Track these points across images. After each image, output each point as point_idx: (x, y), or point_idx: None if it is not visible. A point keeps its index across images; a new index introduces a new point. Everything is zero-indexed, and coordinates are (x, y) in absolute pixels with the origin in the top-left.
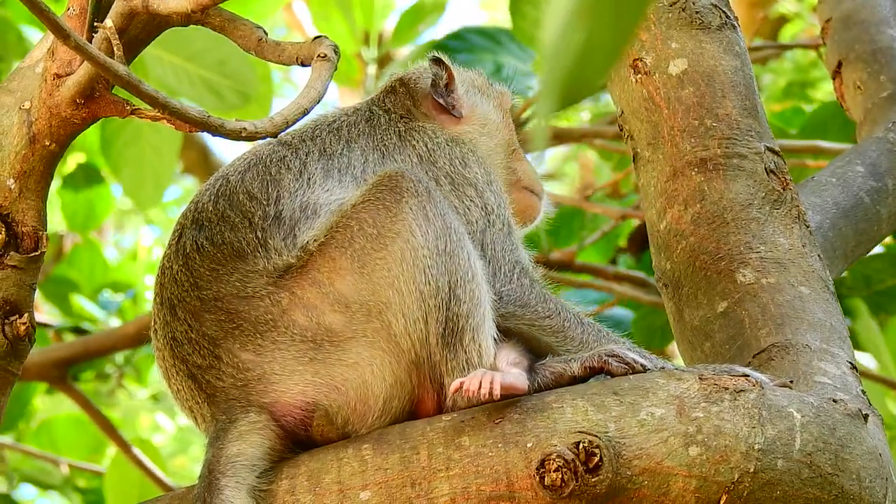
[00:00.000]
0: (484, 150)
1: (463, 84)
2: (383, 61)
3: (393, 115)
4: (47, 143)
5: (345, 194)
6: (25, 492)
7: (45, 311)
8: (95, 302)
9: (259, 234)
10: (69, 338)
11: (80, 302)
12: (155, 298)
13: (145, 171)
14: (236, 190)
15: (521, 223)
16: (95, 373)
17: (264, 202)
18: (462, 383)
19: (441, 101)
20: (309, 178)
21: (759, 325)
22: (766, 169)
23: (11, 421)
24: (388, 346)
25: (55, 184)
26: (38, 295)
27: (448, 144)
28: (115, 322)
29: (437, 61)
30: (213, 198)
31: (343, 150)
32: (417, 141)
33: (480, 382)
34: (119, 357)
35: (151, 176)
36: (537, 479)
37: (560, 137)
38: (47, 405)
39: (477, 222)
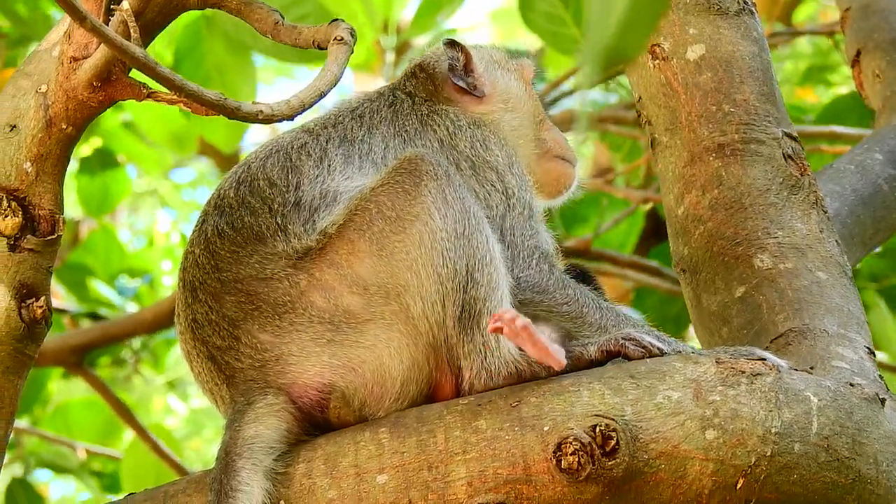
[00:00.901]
0: (508, 127)
1: (482, 61)
2: (401, 49)
3: (416, 99)
4: (64, 127)
5: (365, 181)
6: (41, 475)
7: (61, 297)
8: (112, 287)
9: (279, 219)
10: (85, 324)
11: (97, 287)
12: (178, 283)
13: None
14: (257, 177)
15: (556, 192)
16: (111, 358)
17: (284, 189)
18: (501, 315)
19: (460, 83)
20: (329, 165)
21: (777, 310)
22: (783, 154)
23: (27, 405)
24: (406, 328)
25: (71, 168)
26: (53, 280)
27: (470, 127)
28: (131, 307)
29: (452, 44)
30: (234, 185)
31: (364, 136)
32: (439, 125)
33: (515, 319)
34: (136, 343)
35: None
36: (554, 462)
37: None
38: (62, 390)
39: (497, 206)
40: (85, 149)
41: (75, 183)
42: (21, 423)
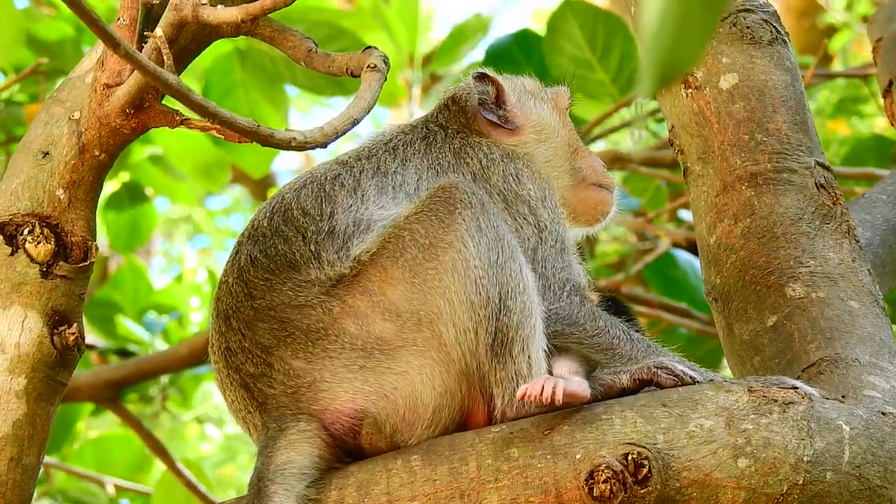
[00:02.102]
0: (542, 158)
1: (514, 92)
2: (427, 83)
3: (449, 132)
4: (97, 154)
5: (398, 210)
6: None
7: (89, 333)
8: (140, 324)
9: (312, 247)
10: (113, 360)
11: (125, 323)
12: (212, 312)
13: None
14: (290, 206)
15: (594, 220)
16: (139, 395)
17: (318, 217)
18: (526, 389)
19: (492, 116)
20: (363, 195)
21: (809, 339)
22: (816, 184)
23: (57, 443)
24: (438, 355)
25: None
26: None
27: (503, 161)
28: (160, 344)
29: (482, 77)
30: (268, 214)
31: (398, 168)
32: (472, 158)
33: (543, 387)
34: (164, 379)
35: None
36: (586, 490)
37: (620, 160)
38: (91, 427)
39: (529, 239)
40: (112, 185)
41: (103, 218)
42: (51, 459)
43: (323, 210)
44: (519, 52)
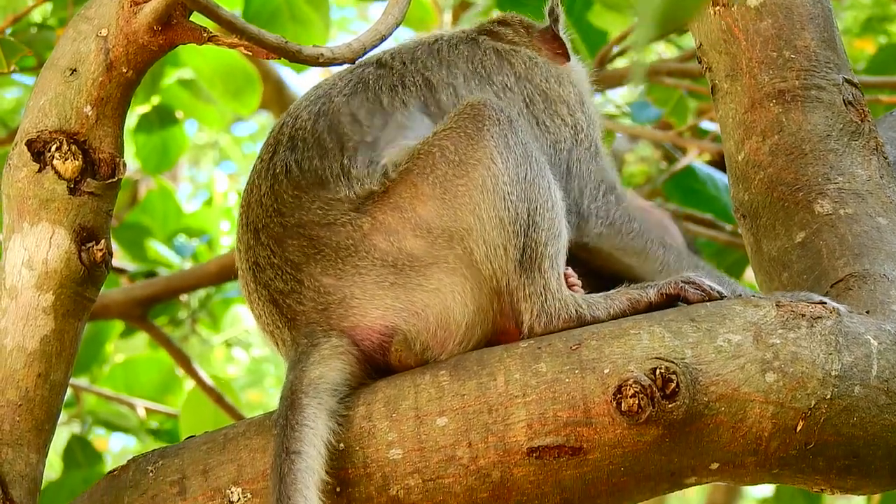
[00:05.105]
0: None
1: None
2: (458, 11)
3: (495, 38)
4: (124, 70)
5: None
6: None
7: (118, 257)
8: (170, 247)
9: (346, 161)
10: (139, 283)
11: (155, 247)
12: (240, 217)
13: None
14: (339, 111)
15: None
16: (169, 318)
17: (367, 127)
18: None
19: (558, 36)
20: (407, 109)
21: (837, 256)
22: (844, 100)
23: (86, 364)
24: (470, 272)
25: (129, 126)
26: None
27: (547, 65)
28: (189, 267)
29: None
30: (313, 116)
31: (445, 76)
32: (516, 59)
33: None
34: (194, 302)
35: None
36: (614, 404)
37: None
38: (120, 349)
39: (565, 141)
40: (142, 108)
41: (133, 141)
42: (80, 381)
43: (373, 122)
44: None
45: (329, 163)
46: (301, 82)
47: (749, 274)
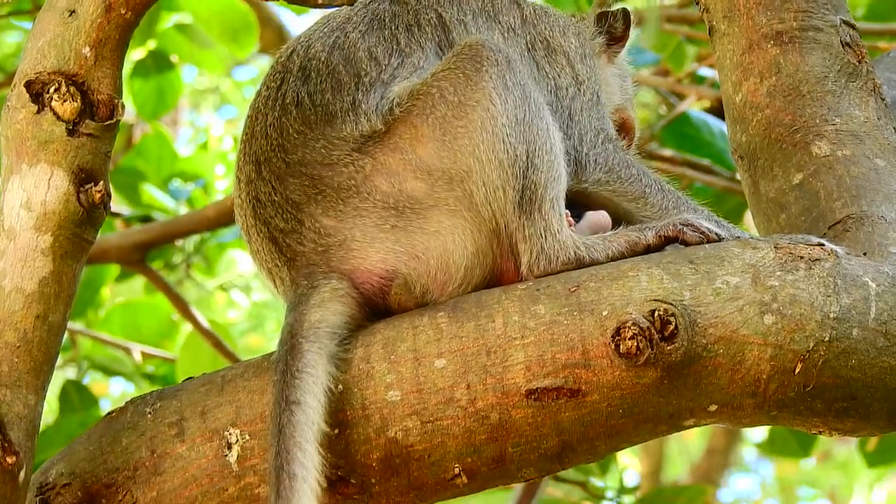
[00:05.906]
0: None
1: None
2: None
3: None
4: (123, 12)
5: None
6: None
7: (113, 201)
8: (165, 191)
9: (360, 95)
10: (138, 227)
11: (150, 191)
12: (242, 146)
13: None
14: (356, 45)
15: None
16: (164, 262)
17: (384, 64)
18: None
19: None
20: (425, 54)
21: (835, 197)
22: (841, 42)
23: (83, 307)
24: (470, 214)
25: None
26: None
27: (557, 17)
28: (184, 212)
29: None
30: (328, 48)
31: (456, 13)
32: (527, 4)
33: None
34: (188, 246)
35: None
36: (612, 346)
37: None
38: (116, 295)
39: (567, 88)
40: (138, 53)
41: (129, 86)
42: (77, 325)
43: (391, 60)
44: None
45: (342, 96)
46: (302, 27)
47: (747, 220)
